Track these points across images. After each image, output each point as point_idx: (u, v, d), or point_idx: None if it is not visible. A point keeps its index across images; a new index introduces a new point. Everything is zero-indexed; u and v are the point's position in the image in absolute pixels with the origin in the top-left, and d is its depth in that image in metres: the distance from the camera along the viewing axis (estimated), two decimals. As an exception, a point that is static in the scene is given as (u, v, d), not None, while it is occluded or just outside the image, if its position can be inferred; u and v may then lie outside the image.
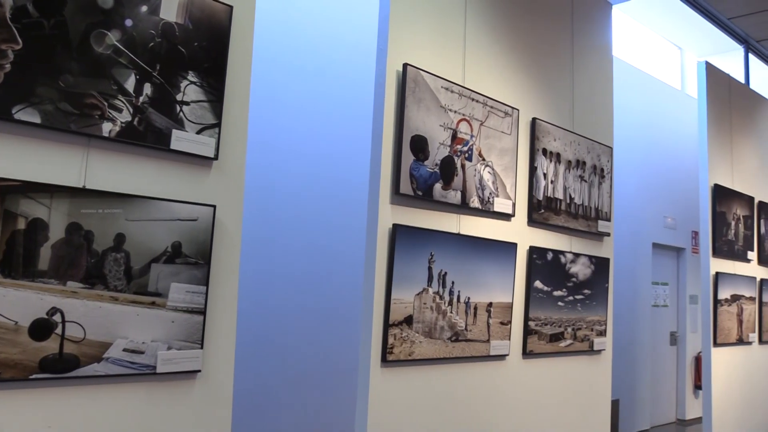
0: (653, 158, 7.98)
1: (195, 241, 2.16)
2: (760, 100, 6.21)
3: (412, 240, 2.87)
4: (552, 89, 3.85)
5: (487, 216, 3.31)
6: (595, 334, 3.98)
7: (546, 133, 3.69)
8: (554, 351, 3.69)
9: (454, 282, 3.06)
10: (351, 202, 4.40)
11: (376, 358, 2.75)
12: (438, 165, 3.01)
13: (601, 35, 4.32)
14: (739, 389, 5.42)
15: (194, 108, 2.19)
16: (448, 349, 3.04)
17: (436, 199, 2.99)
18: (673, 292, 8.60)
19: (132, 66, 2.05)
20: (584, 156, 3.95)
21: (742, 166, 5.75)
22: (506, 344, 3.35)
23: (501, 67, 3.50)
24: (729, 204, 5.41)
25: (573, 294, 3.81)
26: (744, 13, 5.69)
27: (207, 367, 2.20)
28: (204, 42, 2.22)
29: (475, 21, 3.35)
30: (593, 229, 3.99)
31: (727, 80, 5.68)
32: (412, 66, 2.92)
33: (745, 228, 5.63)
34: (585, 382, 3.96)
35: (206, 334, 2.19)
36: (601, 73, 4.29)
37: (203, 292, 2.17)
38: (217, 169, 2.26)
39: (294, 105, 4.89)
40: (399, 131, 2.86)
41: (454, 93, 3.12)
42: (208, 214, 2.19)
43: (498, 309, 3.31)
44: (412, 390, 2.92)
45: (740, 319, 5.43)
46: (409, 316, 2.86)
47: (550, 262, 3.66)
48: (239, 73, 2.33)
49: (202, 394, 2.19)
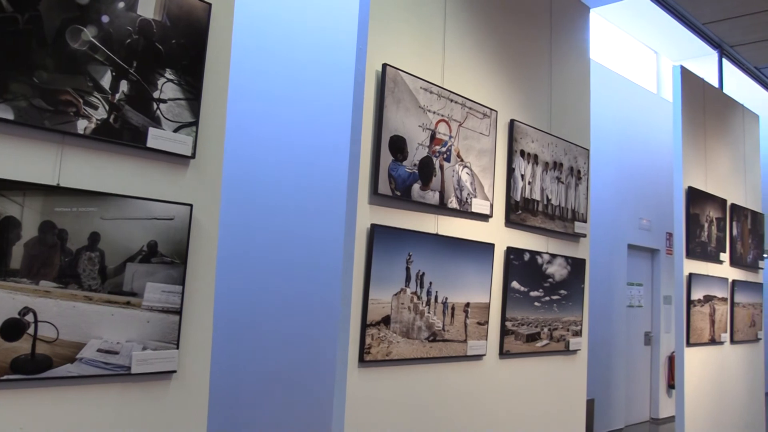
0: (629, 160, 8.08)
1: (171, 241, 2.14)
2: (733, 104, 6.32)
3: (390, 240, 2.88)
4: (530, 91, 3.88)
5: (465, 216, 3.33)
6: (571, 335, 4.02)
7: (524, 134, 3.72)
8: (531, 351, 3.72)
9: (431, 282, 3.07)
10: (329, 202, 4.39)
11: (353, 358, 2.75)
12: (416, 165, 3.02)
13: (578, 38, 4.37)
14: (711, 388, 5.52)
15: (171, 106, 2.16)
16: (426, 349, 3.04)
17: (414, 199, 3.00)
18: (648, 292, 8.72)
19: (108, 63, 2.03)
20: (561, 158, 3.99)
21: (715, 169, 5.85)
22: (483, 344, 3.37)
23: (480, 69, 3.52)
24: (702, 206, 5.50)
25: (549, 294, 3.84)
26: (718, 19, 5.79)
27: (183, 367, 2.18)
28: (182, 39, 2.20)
29: (455, 22, 3.37)
30: (570, 230, 4.03)
31: (702, 84, 5.77)
32: (391, 66, 2.92)
33: (718, 230, 5.72)
34: (561, 382, 4.00)
35: (182, 334, 2.17)
36: (579, 75, 4.33)
37: (179, 292, 2.15)
38: (195, 168, 2.24)
39: (272, 104, 4.87)
40: (378, 131, 2.87)
41: (433, 94, 3.13)
42: (184, 213, 2.18)
43: (475, 309, 3.32)
44: (390, 390, 2.92)
45: (712, 320, 5.53)
46: (387, 316, 2.87)
47: (527, 262, 3.69)
48: (217, 72, 2.32)
49: (177, 394, 2.17)
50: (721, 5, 5.50)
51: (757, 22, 5.77)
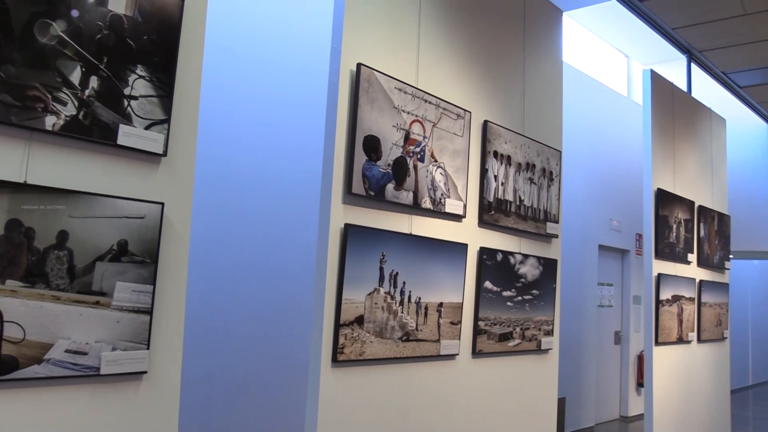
0: (600, 162, 8.19)
1: (142, 239, 2.11)
2: (701, 108, 6.45)
3: (363, 240, 2.88)
4: (504, 93, 3.91)
5: (438, 217, 3.34)
6: (543, 334, 4.06)
7: (497, 135, 3.75)
8: (503, 350, 3.75)
9: (405, 282, 3.07)
10: (303, 201, 4.37)
11: (326, 358, 2.75)
12: (390, 165, 3.02)
13: (551, 41, 4.41)
14: (679, 386, 5.62)
15: (143, 103, 2.14)
16: (399, 348, 3.05)
17: (388, 199, 3.00)
18: (618, 292, 8.84)
19: (78, 58, 1.99)
20: (534, 159, 4.03)
21: (684, 172, 5.96)
22: (456, 344, 3.38)
23: (454, 70, 3.53)
24: (671, 208, 5.60)
25: (522, 294, 3.88)
26: (687, 24, 5.90)
27: (153, 368, 2.15)
28: (154, 36, 2.17)
29: (429, 23, 3.38)
30: (542, 231, 4.07)
31: (671, 88, 5.87)
32: (365, 66, 2.92)
33: (686, 231, 5.83)
34: (532, 381, 4.04)
35: (153, 334, 2.14)
36: (551, 78, 4.38)
37: (150, 292, 2.12)
38: (166, 166, 2.21)
39: (246, 103, 4.84)
40: (352, 131, 2.86)
41: (408, 94, 3.14)
42: (155, 211, 2.15)
43: (448, 309, 3.34)
44: (363, 390, 2.92)
45: (680, 319, 5.63)
46: (360, 316, 2.86)
47: (500, 262, 3.72)
48: (190, 69, 2.29)
49: (148, 395, 2.14)
50: (690, 11, 5.61)
51: (724, 28, 5.89)
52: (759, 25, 5.79)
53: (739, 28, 5.86)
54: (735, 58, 6.66)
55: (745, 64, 6.82)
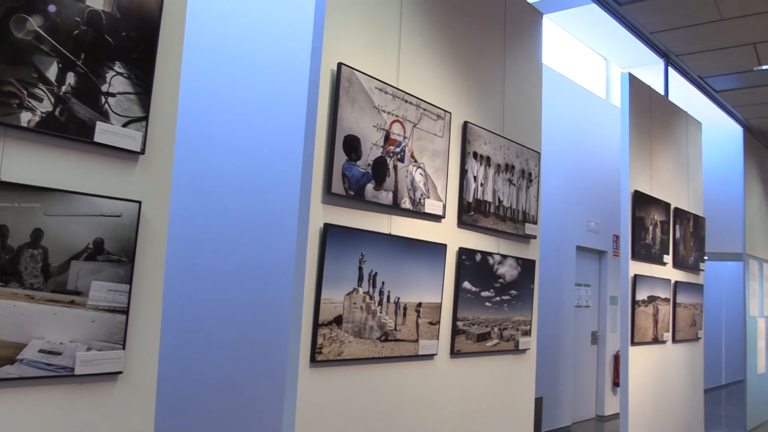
0: (578, 164, 8.27)
1: (118, 238, 2.08)
2: (678, 112, 6.54)
3: (343, 240, 2.88)
4: (484, 94, 3.93)
5: (417, 217, 3.35)
6: (521, 334, 4.09)
7: (477, 136, 3.77)
8: (481, 350, 3.77)
9: (384, 282, 3.08)
10: (282, 200, 4.36)
11: (304, 358, 2.74)
12: (370, 165, 3.02)
13: (531, 43, 4.45)
14: (654, 386, 5.69)
15: (120, 100, 2.11)
16: (378, 348, 3.05)
17: (367, 199, 3.00)
18: (595, 293, 8.94)
19: (54, 54, 1.96)
20: (513, 160, 4.05)
21: (660, 174, 6.04)
22: (434, 344, 3.39)
23: (435, 71, 3.54)
24: (647, 209, 5.67)
25: (500, 294, 3.90)
26: (665, 29, 5.98)
27: (129, 368, 2.13)
28: (132, 32, 2.15)
29: (410, 24, 3.38)
30: (520, 232, 4.10)
31: (648, 91, 5.95)
32: (346, 66, 2.92)
33: (662, 232, 5.91)
34: (510, 381, 4.06)
35: (129, 334, 2.12)
36: (531, 79, 4.41)
37: (126, 291, 2.10)
38: (144, 164, 2.19)
39: (226, 101, 4.81)
40: (332, 130, 2.86)
41: (388, 94, 3.14)
42: (133, 210, 2.13)
43: (427, 309, 3.35)
44: (341, 390, 2.92)
45: (656, 319, 5.70)
46: (339, 315, 2.86)
47: (479, 263, 3.74)
48: (169, 66, 2.27)
49: (123, 396, 2.12)
50: (668, 16, 5.68)
51: (701, 33, 5.98)
52: (735, 31, 5.88)
53: (716, 32, 5.95)
54: (711, 63, 6.76)
55: (721, 68, 6.93)
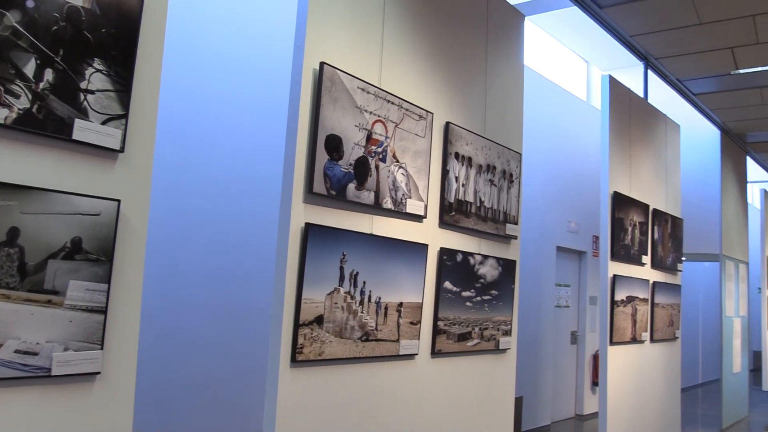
0: (559, 165, 8.33)
1: (97, 237, 2.06)
2: (657, 114, 6.62)
3: (324, 239, 2.87)
4: (465, 95, 3.95)
5: (399, 217, 3.35)
6: (501, 334, 4.11)
7: (459, 137, 3.78)
8: (462, 350, 3.78)
9: (365, 282, 3.08)
10: (263, 200, 4.34)
11: (285, 358, 2.73)
12: (352, 165, 3.02)
13: (513, 45, 4.47)
14: (632, 385, 5.76)
15: (100, 97, 2.09)
16: (358, 348, 3.05)
17: (349, 199, 3.00)
18: (575, 293, 9.01)
19: (32, 50, 1.94)
20: (494, 161, 4.07)
21: (639, 176, 6.11)
22: (415, 344, 3.40)
23: (417, 71, 3.55)
24: (626, 211, 5.73)
25: (481, 295, 3.92)
26: (645, 32, 6.04)
27: (107, 368, 2.11)
28: (112, 29, 2.13)
29: (393, 23, 3.39)
30: (501, 232, 4.12)
31: (628, 94, 6.01)
32: (328, 65, 2.92)
33: (641, 233, 5.97)
34: (490, 380, 4.08)
35: (107, 334, 2.10)
36: (513, 81, 4.44)
37: (104, 291, 2.07)
38: (123, 162, 2.17)
39: (207, 99, 4.78)
40: (314, 130, 2.85)
41: (370, 94, 3.14)
42: (111, 208, 2.10)
43: (408, 309, 3.36)
44: (322, 390, 2.91)
45: (634, 319, 5.77)
46: (320, 315, 2.86)
47: (460, 263, 3.75)
48: (149, 63, 2.25)
49: (101, 397, 2.10)
50: (648, 19, 5.75)
51: (680, 36, 6.05)
52: (713, 35, 5.96)
53: (695, 36, 6.03)
54: (690, 66, 6.85)
55: (699, 71, 7.02)
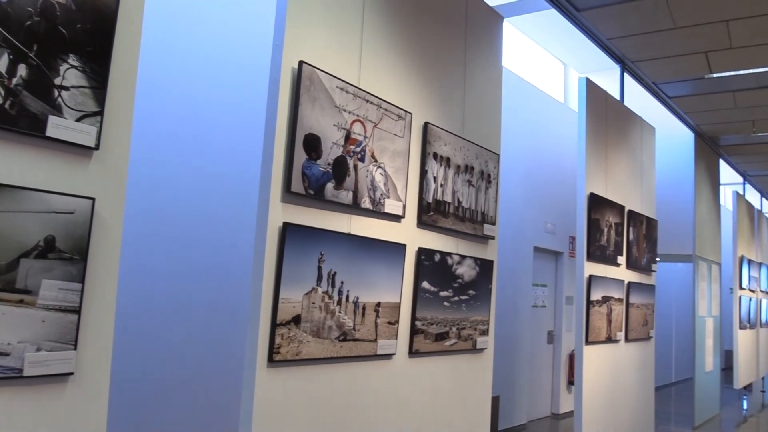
0: (536, 166, 8.39)
1: (71, 236, 2.03)
2: (632, 117, 6.70)
3: (302, 239, 2.86)
4: (444, 95, 3.96)
5: (377, 217, 3.35)
6: (478, 334, 4.13)
7: (437, 137, 3.79)
8: (439, 350, 3.80)
9: (343, 282, 3.07)
10: (241, 199, 4.31)
11: (262, 358, 2.72)
12: (330, 164, 3.01)
13: (492, 46, 4.50)
14: (607, 384, 5.82)
15: (74, 94, 2.06)
16: (336, 348, 3.05)
17: (327, 198, 3.00)
18: (551, 293, 9.09)
19: (5, 45, 1.90)
20: (473, 161, 4.09)
21: (615, 177, 6.18)
22: (393, 343, 3.40)
23: (396, 71, 3.55)
24: (602, 212, 5.79)
25: (458, 294, 3.94)
26: (621, 35, 6.11)
27: (81, 369, 2.08)
28: (88, 24, 2.10)
29: (373, 24, 3.39)
30: (479, 233, 4.14)
31: (605, 96, 6.07)
32: (307, 64, 2.91)
33: (616, 234, 6.04)
34: (468, 380, 4.10)
35: (81, 334, 2.07)
36: (491, 82, 4.46)
37: (78, 290, 2.04)
38: (98, 160, 2.14)
39: (184, 97, 4.73)
40: (292, 129, 2.84)
41: (349, 93, 3.14)
42: (86, 206, 2.07)
43: (386, 309, 3.36)
44: (299, 390, 2.90)
45: (609, 319, 5.83)
46: (298, 315, 2.85)
47: (438, 263, 3.76)
48: (126, 60, 2.22)
49: (74, 398, 2.07)
50: (624, 23, 5.81)
51: (656, 40, 6.14)
52: (688, 39, 6.05)
53: (670, 40, 6.12)
54: (665, 70, 6.94)
55: (674, 75, 7.12)
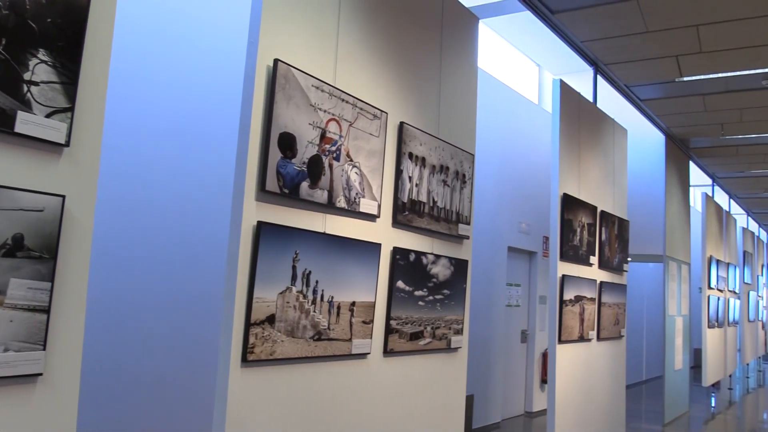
0: (511, 167, 8.46)
1: (40, 234, 2.00)
2: (605, 118, 6.79)
3: (276, 238, 2.85)
4: (420, 95, 3.97)
5: (352, 216, 3.35)
6: (453, 333, 4.15)
7: (413, 137, 3.80)
8: (414, 349, 3.81)
9: (318, 281, 3.06)
10: (215, 198, 4.27)
11: (236, 358, 2.70)
12: (306, 163, 3.00)
13: (467, 47, 4.52)
14: (580, 382, 5.89)
15: (44, 89, 2.02)
16: (311, 348, 3.04)
17: (302, 197, 2.99)
18: (525, 292, 9.16)
19: (-29, 39, 1.86)
20: (448, 161, 4.11)
21: (588, 178, 6.25)
22: (368, 343, 3.40)
23: (372, 70, 3.55)
24: (575, 212, 5.86)
25: (433, 294, 3.95)
26: (594, 38, 6.19)
27: (50, 369, 2.04)
28: (59, 19, 2.06)
29: (349, 23, 3.38)
30: (454, 232, 4.16)
31: (578, 98, 6.14)
32: (283, 62, 2.89)
33: (589, 234, 6.12)
34: (442, 379, 4.12)
35: (50, 334, 2.03)
36: (466, 83, 4.49)
37: (47, 289, 2.01)
38: (68, 157, 2.11)
39: (158, 94, 4.68)
40: (267, 127, 2.83)
41: (325, 92, 3.13)
42: (56, 204, 2.04)
43: (361, 308, 3.36)
44: (273, 390, 2.89)
45: (582, 318, 5.90)
46: (272, 315, 2.83)
47: (413, 262, 3.77)
48: (97, 55, 2.19)
49: (43, 399, 2.03)
50: (597, 26, 5.89)
51: (628, 43, 6.22)
52: (659, 42, 6.15)
53: (642, 44, 6.21)
54: (637, 73, 7.04)
55: (646, 78, 7.23)
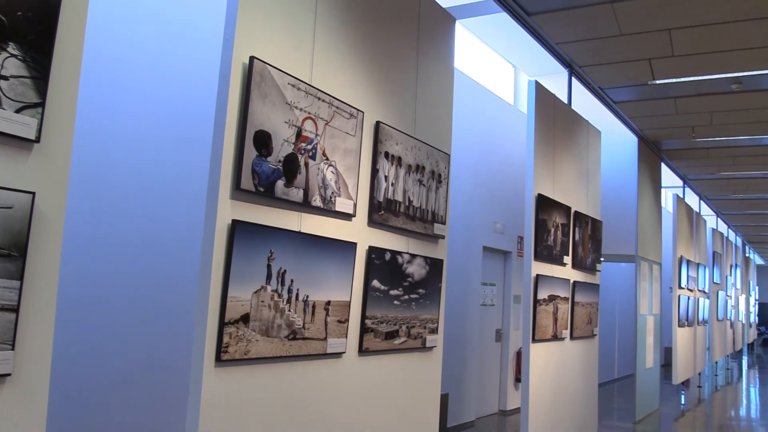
0: (486, 167, 8.51)
1: (9, 231, 1.96)
2: (579, 120, 6.86)
3: (251, 237, 2.83)
4: (396, 95, 3.98)
5: (328, 215, 3.34)
6: (428, 332, 4.17)
7: (389, 136, 3.81)
8: (389, 348, 3.81)
9: (293, 280, 3.05)
10: (189, 196, 4.23)
11: (209, 358, 2.67)
12: (281, 162, 2.99)
13: (444, 47, 4.54)
14: (553, 381, 5.95)
15: (14, 84, 1.98)
16: (285, 347, 3.02)
17: (277, 196, 2.97)
18: (500, 292, 9.23)
19: (-62, 32, 1.82)
20: (424, 161, 4.12)
21: (562, 179, 6.32)
22: (343, 342, 3.40)
23: (348, 69, 3.55)
24: (550, 212, 5.91)
25: (408, 293, 3.96)
26: (569, 40, 6.26)
27: (18, 370, 2.00)
28: (29, 12, 2.02)
29: (325, 21, 3.37)
30: (429, 232, 4.17)
31: (553, 100, 6.20)
32: (258, 60, 2.88)
33: (563, 235, 6.18)
34: (417, 378, 4.13)
35: (18, 333, 1.99)
36: (443, 83, 4.50)
37: (17, 288, 1.97)
38: (39, 153, 2.07)
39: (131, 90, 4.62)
40: (242, 125, 2.81)
41: (301, 91, 3.12)
42: (25, 201, 2.00)
43: (336, 307, 3.35)
44: (248, 389, 2.87)
45: (555, 318, 5.96)
46: (246, 314, 2.81)
47: (388, 262, 3.78)
48: (69, 50, 2.15)
49: (11, 400, 1.99)
50: (572, 28, 5.95)
51: (602, 46, 6.30)
52: (632, 45, 6.24)
53: (615, 47, 6.29)
54: (610, 75, 7.14)
55: (619, 81, 7.33)
